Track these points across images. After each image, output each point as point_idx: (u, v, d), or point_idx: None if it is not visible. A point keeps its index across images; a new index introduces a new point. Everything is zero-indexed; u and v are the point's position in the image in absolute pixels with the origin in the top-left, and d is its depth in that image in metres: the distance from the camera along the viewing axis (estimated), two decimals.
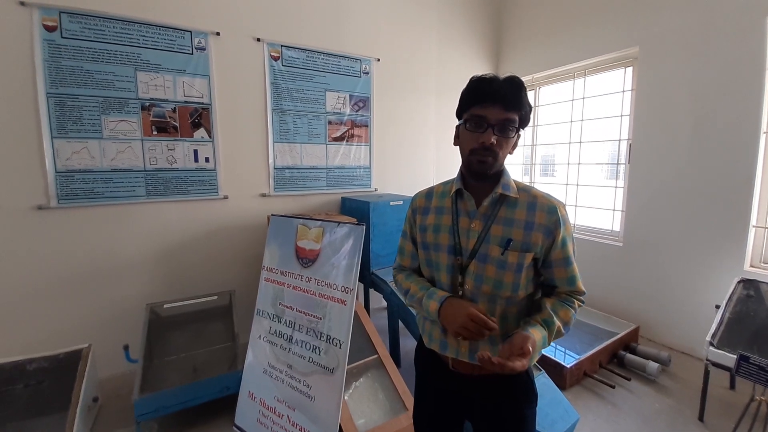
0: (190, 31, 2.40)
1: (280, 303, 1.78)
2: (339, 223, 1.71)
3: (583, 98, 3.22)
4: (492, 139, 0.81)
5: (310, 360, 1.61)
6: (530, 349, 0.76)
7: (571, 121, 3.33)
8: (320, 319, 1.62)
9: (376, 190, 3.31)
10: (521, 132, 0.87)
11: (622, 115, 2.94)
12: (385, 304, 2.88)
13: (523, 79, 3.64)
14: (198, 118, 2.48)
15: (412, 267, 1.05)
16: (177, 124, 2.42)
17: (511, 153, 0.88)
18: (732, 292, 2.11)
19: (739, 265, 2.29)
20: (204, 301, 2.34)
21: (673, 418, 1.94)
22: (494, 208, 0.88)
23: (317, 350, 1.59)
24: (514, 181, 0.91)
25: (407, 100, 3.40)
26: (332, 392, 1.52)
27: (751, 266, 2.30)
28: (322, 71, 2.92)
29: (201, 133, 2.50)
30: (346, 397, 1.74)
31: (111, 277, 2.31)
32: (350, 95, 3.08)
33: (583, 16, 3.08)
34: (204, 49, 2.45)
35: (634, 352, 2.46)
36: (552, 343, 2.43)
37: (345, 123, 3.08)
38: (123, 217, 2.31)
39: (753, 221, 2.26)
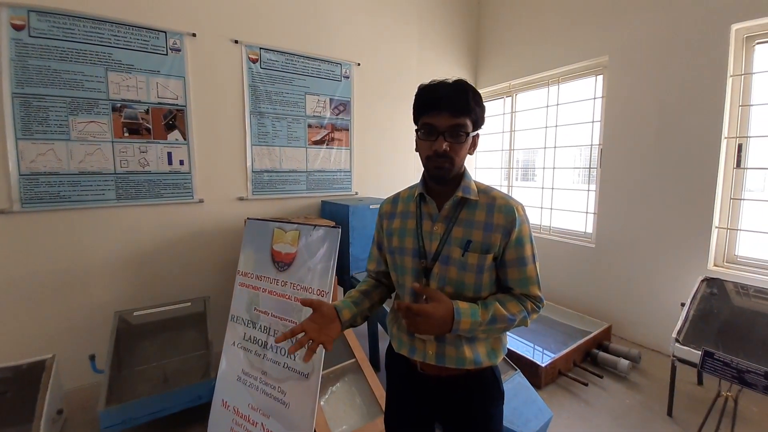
0: (165, 32, 2.35)
1: (255, 308, 1.76)
2: (315, 226, 1.70)
3: (557, 105, 3.31)
4: (444, 146, 0.82)
5: (285, 366, 1.59)
6: (439, 296, 0.83)
7: (546, 127, 3.42)
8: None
9: (356, 193, 3.31)
10: (479, 131, 0.88)
11: (593, 121, 3.05)
12: None
13: (501, 85, 3.77)
14: (172, 119, 2.43)
15: (377, 270, 1.06)
16: (150, 126, 2.36)
17: (471, 153, 0.90)
18: (696, 291, 2.20)
19: (702, 265, 2.39)
20: (177, 308, 2.27)
21: (643, 413, 2.00)
22: (455, 211, 0.90)
23: (292, 355, 1.57)
24: (476, 182, 0.92)
25: (388, 105, 3.42)
26: (307, 398, 1.50)
27: (715, 265, 2.41)
28: (301, 74, 2.91)
29: (175, 135, 2.45)
30: (322, 402, 1.73)
31: (78, 284, 2.22)
32: (330, 99, 3.07)
33: (557, 27, 3.19)
34: (179, 50, 2.41)
35: (606, 350, 2.52)
36: (518, 338, 2.52)
37: (325, 126, 3.07)
38: (91, 222, 2.23)
39: (716, 222, 2.37)
